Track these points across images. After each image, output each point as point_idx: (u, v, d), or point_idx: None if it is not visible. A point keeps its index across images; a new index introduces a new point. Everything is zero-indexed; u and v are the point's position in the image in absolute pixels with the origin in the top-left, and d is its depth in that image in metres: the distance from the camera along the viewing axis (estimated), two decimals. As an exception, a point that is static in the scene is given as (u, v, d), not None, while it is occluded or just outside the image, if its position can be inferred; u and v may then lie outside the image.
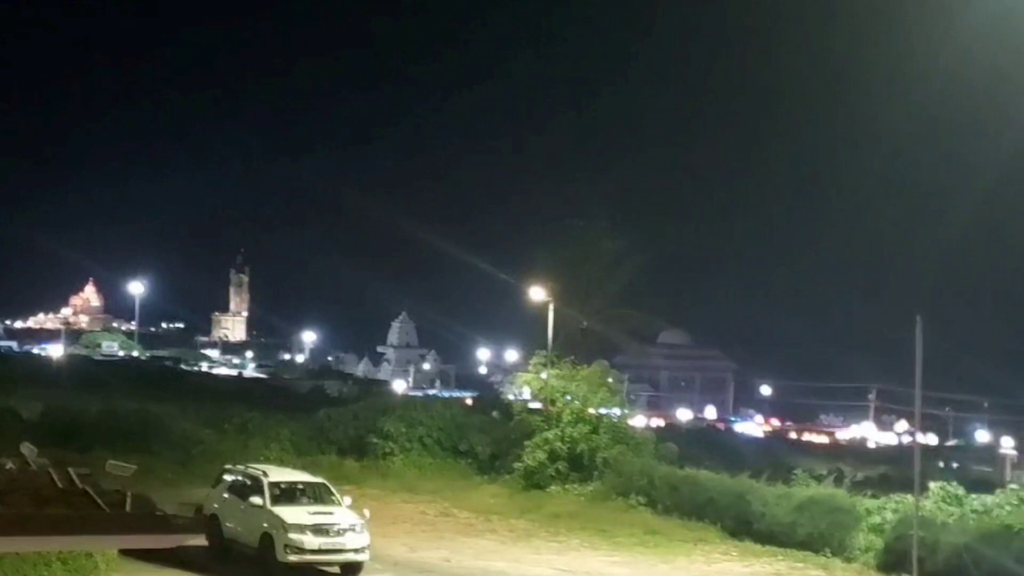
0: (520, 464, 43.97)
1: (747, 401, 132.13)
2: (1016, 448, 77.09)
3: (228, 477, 29.58)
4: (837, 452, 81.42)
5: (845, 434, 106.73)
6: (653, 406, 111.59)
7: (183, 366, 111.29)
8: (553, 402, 46.40)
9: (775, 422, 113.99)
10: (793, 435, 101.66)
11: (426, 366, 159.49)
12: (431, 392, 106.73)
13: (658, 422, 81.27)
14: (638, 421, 55.53)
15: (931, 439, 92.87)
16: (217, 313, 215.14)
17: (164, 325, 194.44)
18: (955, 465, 73.75)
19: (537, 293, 56.35)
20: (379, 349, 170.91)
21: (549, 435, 44.20)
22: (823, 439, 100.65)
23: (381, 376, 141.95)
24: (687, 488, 39.33)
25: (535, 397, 49.46)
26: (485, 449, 47.17)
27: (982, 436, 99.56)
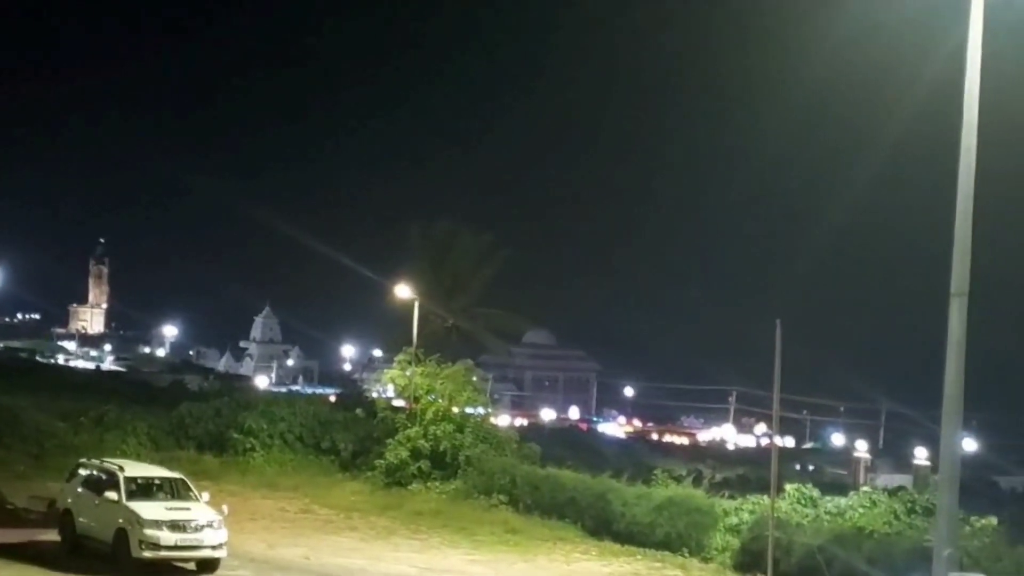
0: (382, 461, 43.78)
1: (610, 402, 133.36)
2: (870, 452, 78.82)
3: (83, 471, 28.92)
4: (697, 453, 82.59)
5: (705, 436, 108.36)
6: (517, 405, 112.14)
7: (38, 358, 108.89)
8: (417, 400, 46.24)
9: (637, 423, 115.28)
10: (655, 436, 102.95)
11: (289, 362, 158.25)
12: (294, 388, 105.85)
13: (521, 422, 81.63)
14: (502, 420, 55.69)
15: (788, 442, 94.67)
16: (75, 305, 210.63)
17: (19, 316, 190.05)
18: (811, 467, 75.32)
19: (402, 290, 56.15)
20: (242, 344, 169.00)
21: (412, 433, 44.06)
22: (684, 440, 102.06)
23: (243, 371, 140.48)
24: (548, 487, 39.48)
25: (399, 395, 49.26)
26: (347, 446, 46.84)
27: (838, 439, 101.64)
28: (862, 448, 79.27)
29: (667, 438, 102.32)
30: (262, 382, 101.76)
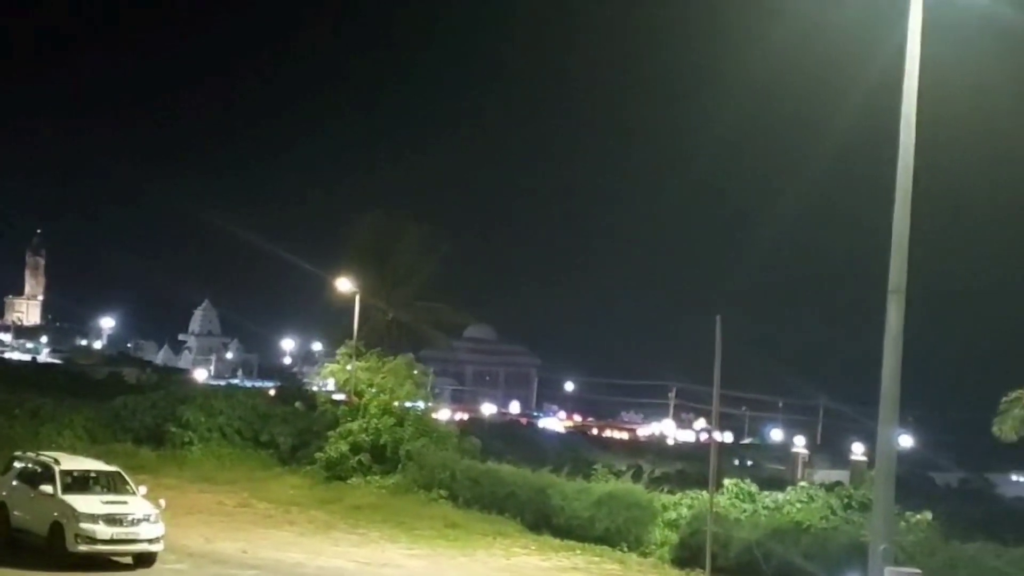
0: (322, 455, 43.61)
1: (551, 397, 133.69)
2: (808, 447, 79.50)
3: (18, 464, 28.60)
4: (637, 448, 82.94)
5: (645, 431, 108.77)
6: (458, 400, 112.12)
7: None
8: (358, 394, 46.10)
9: (578, 418, 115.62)
10: (595, 431, 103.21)
11: (229, 355, 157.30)
12: (233, 382, 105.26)
13: (462, 416, 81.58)
14: (442, 414, 55.64)
15: (728, 437, 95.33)
16: (11, 296, 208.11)
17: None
18: (750, 463, 75.82)
19: (343, 284, 55.93)
20: (180, 337, 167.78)
21: (353, 427, 43.93)
22: (624, 435, 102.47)
23: (182, 364, 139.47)
24: (488, 482, 39.47)
25: (340, 388, 49.10)
26: (287, 440, 46.63)
27: (776, 435, 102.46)
28: (800, 444, 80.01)
29: (607, 433, 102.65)
30: (201, 375, 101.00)
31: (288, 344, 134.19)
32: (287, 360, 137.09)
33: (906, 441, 70.34)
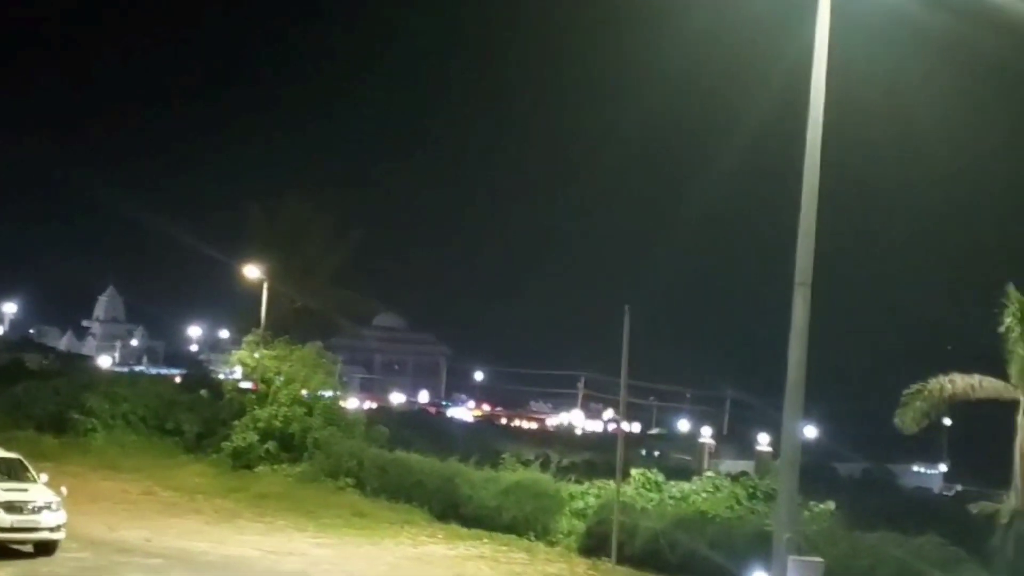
0: (229, 444, 43.27)
1: (460, 386, 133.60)
2: (714, 438, 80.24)
3: (-85, 451, 28.08)
4: (545, 438, 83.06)
5: (554, 420, 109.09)
6: (366, 389, 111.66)
7: None
8: (265, 382, 45.77)
9: (486, 407, 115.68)
10: (503, 420, 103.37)
11: (134, 342, 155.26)
12: (138, 369, 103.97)
13: (371, 405, 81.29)
14: (351, 403, 55.39)
15: (635, 427, 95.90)
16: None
17: None
18: (657, 453, 76.24)
19: (251, 271, 55.47)
20: (84, 323, 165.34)
21: (260, 415, 43.63)
22: (532, 425, 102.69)
23: (86, 351, 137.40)
24: (396, 471, 39.41)
25: (247, 376, 48.72)
26: (192, 428, 46.23)
27: (683, 425, 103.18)
28: (707, 434, 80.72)
29: (516, 423, 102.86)
30: (105, 362, 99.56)
31: (195, 331, 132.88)
32: (194, 347, 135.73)
33: (810, 432, 71.11)
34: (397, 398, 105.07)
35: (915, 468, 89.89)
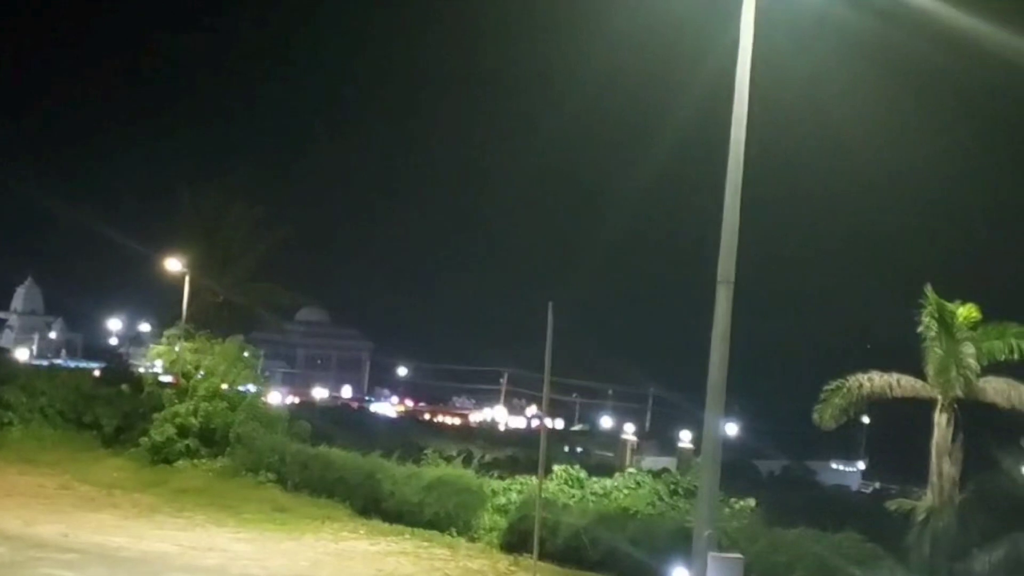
0: (147, 438, 42.82)
1: (383, 381, 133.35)
2: (637, 434, 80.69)
3: None
4: (469, 434, 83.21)
5: (477, 416, 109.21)
6: (289, 383, 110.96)
7: None
8: (186, 376, 45.37)
9: (410, 403, 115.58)
10: (427, 416, 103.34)
11: (52, 335, 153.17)
12: (57, 362, 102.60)
13: (293, 399, 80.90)
14: (273, 398, 55.06)
15: (558, 423, 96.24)
16: None
17: None
18: (579, 449, 76.57)
19: (172, 263, 54.93)
20: (1, 315, 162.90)
21: (180, 409, 43.21)
22: (455, 421, 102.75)
23: (3, 344, 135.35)
24: (318, 466, 39.22)
25: (167, 370, 48.25)
26: (111, 422, 45.68)
27: (606, 422, 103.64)
28: (629, 431, 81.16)
29: (439, 418, 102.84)
30: (22, 355, 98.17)
31: (115, 324, 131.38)
32: (113, 341, 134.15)
33: (732, 429, 71.74)
34: (320, 393, 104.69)
35: (834, 465, 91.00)
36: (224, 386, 44.94)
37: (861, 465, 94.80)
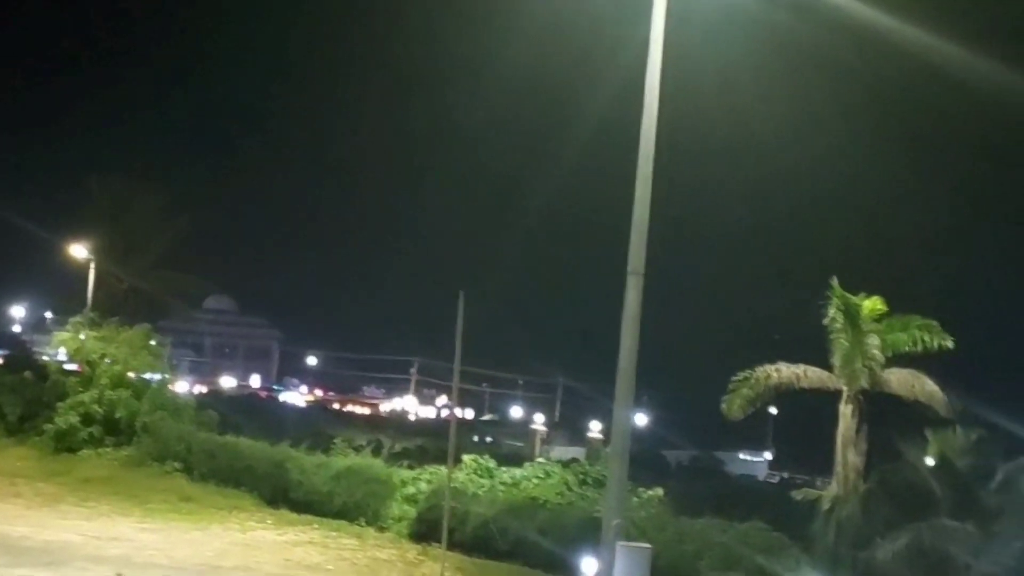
0: (52, 426, 42.22)
1: (292, 370, 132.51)
2: (546, 424, 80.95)
3: None
4: (378, 423, 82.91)
5: (387, 406, 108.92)
6: (196, 372, 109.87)
7: None
8: (91, 364, 44.79)
9: (319, 392, 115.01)
10: (336, 405, 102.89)
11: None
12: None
13: (201, 388, 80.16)
14: (180, 387, 54.54)
15: (468, 413, 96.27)
16: None
17: None
18: (489, 439, 76.67)
19: (77, 250, 54.14)
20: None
21: (85, 398, 42.69)
22: (365, 410, 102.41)
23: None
24: (225, 455, 38.93)
25: (72, 358, 47.61)
26: (15, 410, 44.90)
27: (516, 412, 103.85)
28: (539, 421, 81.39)
29: (348, 408, 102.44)
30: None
31: (18, 311, 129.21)
32: (16, 328, 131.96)
33: (641, 420, 72.22)
34: (228, 382, 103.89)
35: (742, 455, 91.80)
36: (130, 374, 44.49)
37: (768, 455, 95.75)
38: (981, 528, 25.60)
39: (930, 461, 27.66)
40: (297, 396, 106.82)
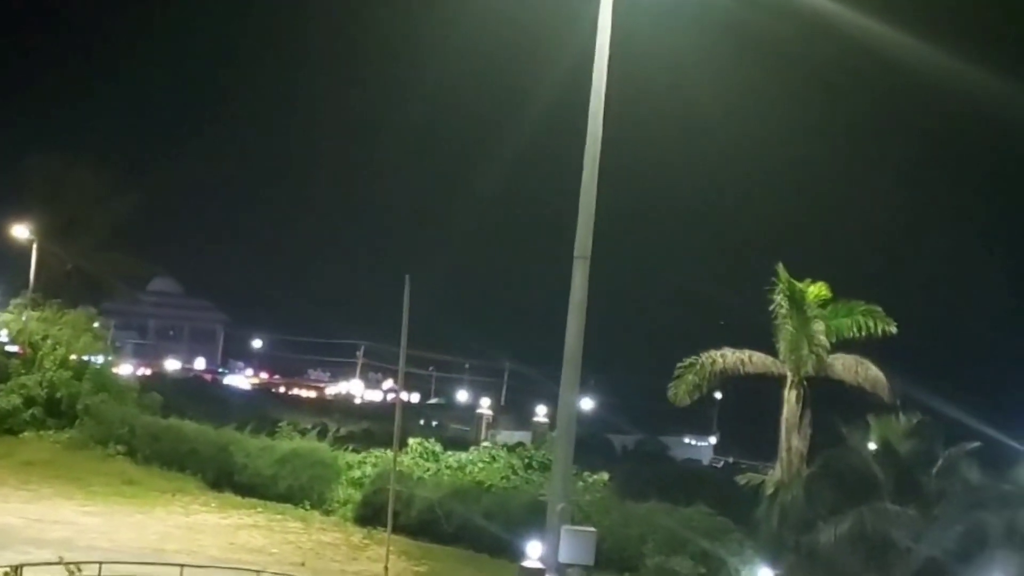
0: (-9, 408, 41.81)
1: (237, 353, 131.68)
2: (493, 408, 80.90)
3: None
4: (324, 407, 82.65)
5: (333, 389, 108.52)
6: (140, 355, 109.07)
7: None
8: (32, 346, 44.35)
9: (264, 375, 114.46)
10: (282, 389, 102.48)
11: None
12: None
13: (144, 371, 79.56)
14: (124, 369, 54.14)
15: (415, 397, 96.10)
16: None
17: None
18: (435, 423, 76.58)
19: (19, 230, 53.52)
20: None
21: (27, 380, 42.30)
22: (311, 394, 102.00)
23: None
24: (169, 438, 38.73)
25: (13, 340, 47.12)
26: (-50, 393, 44.46)
27: (462, 396, 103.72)
28: (485, 405, 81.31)
29: (294, 391, 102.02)
30: None
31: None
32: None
33: (587, 404, 72.29)
34: (172, 365, 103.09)
35: (687, 440, 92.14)
36: (72, 357, 44.10)
37: (713, 440, 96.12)
38: (922, 512, 25.89)
39: (872, 446, 27.92)
40: (242, 379, 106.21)
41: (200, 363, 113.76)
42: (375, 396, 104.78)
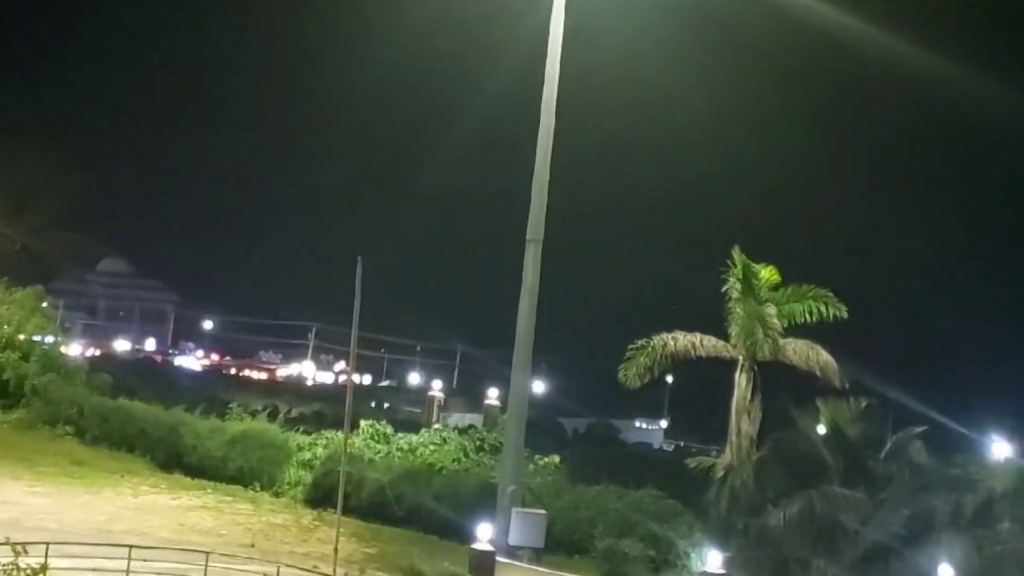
0: (-63, 389, 41.40)
1: (188, 335, 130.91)
2: (444, 391, 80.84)
3: None
4: (275, 388, 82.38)
5: (284, 371, 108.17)
6: (90, 335, 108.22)
7: None
8: (-21, 326, 43.90)
9: (215, 356, 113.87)
10: (233, 370, 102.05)
11: None
12: None
13: (94, 352, 78.96)
14: (73, 349, 53.70)
15: (366, 379, 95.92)
16: None
17: None
18: (387, 405, 76.49)
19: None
20: None
21: (-27, 360, 41.89)
22: (262, 375, 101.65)
23: None
24: (118, 419, 38.49)
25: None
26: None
27: (414, 378, 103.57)
28: (437, 387, 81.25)
29: (245, 373, 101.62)
30: None
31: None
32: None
33: (539, 387, 72.36)
34: (122, 345, 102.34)
35: (638, 424, 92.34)
36: (20, 336, 43.70)
37: (664, 423, 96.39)
38: (870, 495, 26.13)
39: (822, 430, 28.13)
40: (193, 360, 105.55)
41: (150, 344, 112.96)
42: (327, 378, 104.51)
